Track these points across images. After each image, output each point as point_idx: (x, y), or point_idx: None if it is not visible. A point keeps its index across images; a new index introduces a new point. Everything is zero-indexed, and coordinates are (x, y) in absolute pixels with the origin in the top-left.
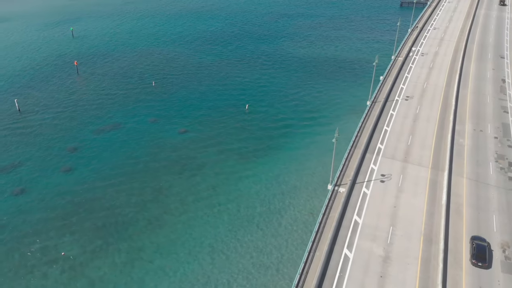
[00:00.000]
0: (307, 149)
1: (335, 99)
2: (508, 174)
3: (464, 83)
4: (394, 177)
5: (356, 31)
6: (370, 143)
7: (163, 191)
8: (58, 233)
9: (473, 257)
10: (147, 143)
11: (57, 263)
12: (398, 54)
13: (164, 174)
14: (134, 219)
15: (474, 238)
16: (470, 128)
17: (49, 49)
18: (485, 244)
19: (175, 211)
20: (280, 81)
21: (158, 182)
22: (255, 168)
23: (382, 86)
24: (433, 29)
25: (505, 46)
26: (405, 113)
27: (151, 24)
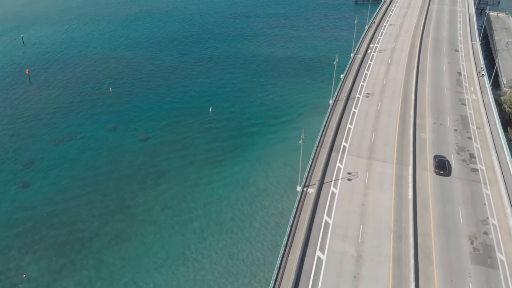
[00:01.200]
0: (274, 150)
1: (298, 99)
2: (470, 166)
3: (422, 78)
4: (360, 175)
5: (314, 29)
6: (335, 142)
7: (127, 202)
8: (18, 254)
9: (436, 168)
10: (107, 153)
11: (17, 287)
12: (356, 51)
13: (127, 184)
14: (99, 233)
15: (436, 156)
16: (430, 121)
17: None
18: (445, 159)
19: (142, 223)
20: (243, 81)
21: (121, 193)
22: (222, 172)
23: (343, 84)
24: (389, 25)
25: (459, 40)
26: (367, 110)
27: (106, 28)
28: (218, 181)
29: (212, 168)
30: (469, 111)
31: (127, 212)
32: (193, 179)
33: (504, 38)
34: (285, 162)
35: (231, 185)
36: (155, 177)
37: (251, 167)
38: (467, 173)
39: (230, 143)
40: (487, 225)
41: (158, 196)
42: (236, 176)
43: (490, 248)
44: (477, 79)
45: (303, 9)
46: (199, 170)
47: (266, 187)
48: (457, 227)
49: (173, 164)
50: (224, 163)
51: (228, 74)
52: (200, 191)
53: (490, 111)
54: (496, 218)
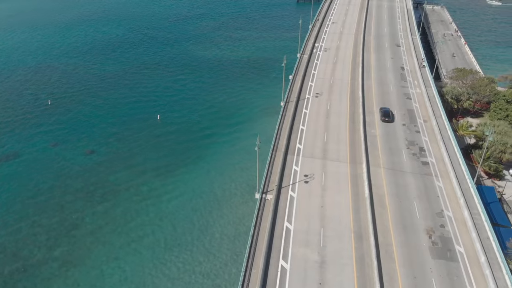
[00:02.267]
0: (229, 155)
1: (250, 101)
2: (420, 159)
3: (367, 75)
4: (316, 176)
5: (259, 29)
6: (290, 144)
7: (74, 223)
8: None
9: (381, 116)
10: (50, 171)
11: None
12: (303, 51)
13: (73, 203)
14: (46, 260)
15: (382, 108)
16: (378, 118)
17: None
18: (389, 109)
19: (93, 244)
20: (191, 86)
21: (67, 214)
22: (175, 183)
23: (292, 85)
24: (332, 23)
25: (399, 35)
26: (318, 110)
27: (40, 37)
28: (171, 193)
29: (164, 179)
30: (415, 105)
31: (76, 234)
32: (144, 192)
33: (440, 30)
34: (241, 166)
35: (186, 196)
36: (103, 193)
37: (206, 175)
38: (418, 167)
39: (181, 152)
40: (443, 218)
41: (108, 213)
42: (191, 185)
43: (448, 241)
44: (420, 73)
45: (247, 9)
46: (150, 183)
47: (224, 194)
48: (415, 222)
49: (122, 178)
50: (177, 173)
51: (175, 79)
52: (153, 205)
53: (434, 103)
54: (450, 210)
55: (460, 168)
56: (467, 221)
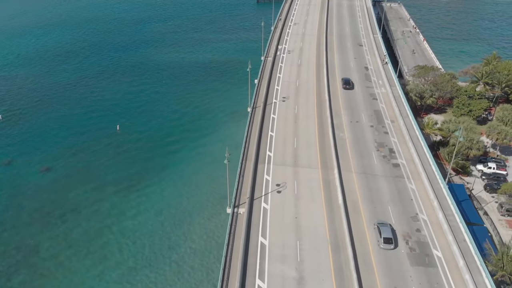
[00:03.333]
0: (196, 166)
1: (216, 106)
2: (391, 161)
3: (332, 76)
4: (289, 185)
5: (221, 31)
6: (260, 152)
7: (33, 249)
8: None
9: (343, 84)
10: (3, 192)
11: None
12: (267, 54)
13: (31, 227)
14: None
15: (342, 78)
16: (346, 120)
17: None
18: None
19: (55, 271)
20: (152, 92)
21: (25, 239)
22: (139, 198)
23: (258, 90)
24: (294, 24)
25: (361, 34)
26: (285, 115)
27: None
28: (136, 208)
29: (127, 194)
30: (381, 105)
31: (35, 261)
32: (107, 209)
33: (399, 27)
34: (210, 175)
35: (152, 211)
36: (62, 213)
37: (172, 187)
38: (389, 170)
39: (144, 163)
40: (418, 222)
41: (69, 235)
42: (157, 199)
43: (425, 246)
44: (384, 73)
45: (206, 10)
46: (112, 199)
47: (194, 206)
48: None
49: (81, 195)
50: (141, 187)
51: (134, 85)
52: (117, 222)
53: (400, 103)
54: (425, 212)
55: (431, 168)
56: (442, 224)
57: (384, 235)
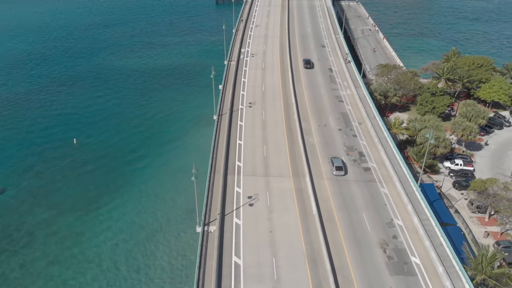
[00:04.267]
0: (162, 180)
1: (180, 114)
2: (362, 165)
3: (297, 79)
4: (261, 197)
5: (181, 34)
6: (229, 163)
7: None
8: None
9: (304, 64)
10: None
11: None
12: (230, 58)
13: None
14: None
15: (304, 59)
16: (315, 124)
17: None
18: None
19: None
20: (112, 102)
21: None
22: (100, 218)
23: (224, 96)
24: (255, 26)
25: (323, 35)
26: (253, 122)
27: None
28: (97, 229)
29: (86, 214)
30: (347, 108)
31: None
32: (65, 232)
33: (359, 26)
34: (178, 189)
35: (115, 231)
36: (18, 238)
37: (137, 205)
38: (360, 174)
39: (106, 180)
40: (394, 228)
41: (24, 262)
42: (119, 218)
43: (403, 253)
44: (349, 74)
45: (164, 13)
46: (70, 220)
47: (161, 225)
48: (367, 236)
49: (38, 218)
50: (101, 206)
51: (92, 95)
52: (77, 246)
53: (367, 104)
54: (400, 218)
55: (402, 170)
56: (418, 229)
57: (336, 164)
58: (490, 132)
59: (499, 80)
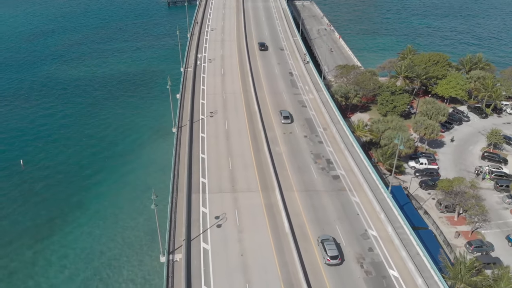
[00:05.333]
0: (120, 202)
1: (137, 126)
2: (330, 173)
3: (258, 84)
4: (229, 216)
5: (132, 40)
6: (192, 180)
7: None
8: None
9: (259, 47)
10: None
11: None
12: (186, 64)
13: None
14: None
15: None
16: (280, 132)
17: None
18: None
19: None
20: (61, 116)
21: None
22: (55, 245)
23: (182, 106)
24: (211, 30)
25: (281, 37)
26: (216, 132)
27: None
28: (51, 259)
29: (36, 243)
30: (311, 113)
31: None
32: (15, 265)
33: (314, 26)
34: (137, 209)
35: (71, 260)
36: None
37: (94, 229)
38: (330, 183)
39: (57, 202)
40: (369, 239)
41: None
42: (76, 245)
43: (381, 266)
44: (309, 78)
45: (114, 17)
46: (21, 251)
47: (122, 250)
48: (343, 252)
49: None
50: (55, 232)
51: (37, 110)
52: (31, 279)
53: (330, 108)
54: (373, 228)
55: (371, 177)
56: (393, 239)
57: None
58: (450, 128)
59: (455, 75)
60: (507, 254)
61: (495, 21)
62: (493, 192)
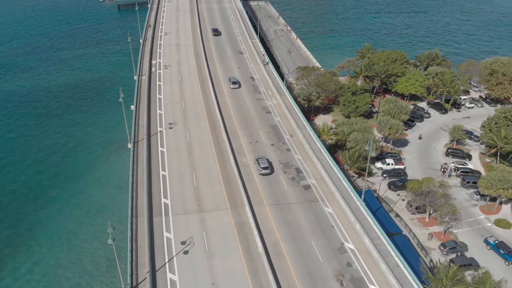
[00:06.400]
0: (74, 226)
1: (89, 141)
2: (301, 183)
3: (219, 90)
4: (197, 240)
5: (82, 47)
6: (153, 202)
7: None
8: None
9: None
10: None
11: None
12: (140, 72)
13: None
14: None
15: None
16: (246, 142)
17: None
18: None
19: None
20: (6, 131)
21: None
22: (4, 281)
23: (138, 118)
24: (165, 34)
25: (239, 40)
26: (177, 146)
27: None
28: None
29: None
30: (276, 119)
31: None
32: None
33: (271, 26)
34: (94, 233)
35: None
36: None
37: (47, 260)
38: (301, 194)
39: (3, 231)
40: (346, 253)
41: None
42: (29, 279)
43: (361, 283)
44: (272, 82)
45: (62, 23)
46: None
47: (80, 283)
48: (321, 269)
49: None
50: (3, 265)
51: None
52: None
53: (295, 113)
54: (350, 240)
55: (342, 184)
56: (371, 251)
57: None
58: (413, 126)
59: (414, 72)
60: (481, 253)
61: (446, 17)
62: (461, 189)
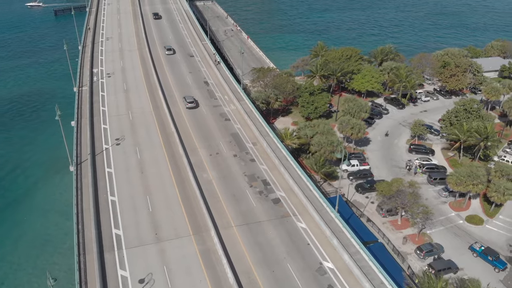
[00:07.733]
0: (12, 261)
1: (29, 166)
2: (269, 197)
3: (171, 99)
4: (157, 277)
5: (16, 56)
6: (102, 234)
7: None
8: None
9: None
10: None
11: None
12: (80, 82)
13: None
14: None
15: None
16: (205, 154)
17: None
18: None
19: None
20: None
21: None
22: None
23: (80, 135)
24: (106, 39)
25: (188, 42)
26: (126, 165)
27: None
28: None
29: None
30: (236, 127)
31: None
32: None
33: (220, 27)
34: (34, 273)
35: None
36: None
37: None
38: (272, 209)
39: None
40: (326, 274)
41: None
42: None
43: None
44: (228, 86)
45: None
46: None
47: None
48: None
49: None
50: None
51: None
52: None
53: (256, 120)
54: (328, 258)
55: (313, 195)
56: (352, 269)
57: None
58: (372, 123)
59: (369, 69)
60: (457, 254)
61: (392, 12)
62: (428, 187)
